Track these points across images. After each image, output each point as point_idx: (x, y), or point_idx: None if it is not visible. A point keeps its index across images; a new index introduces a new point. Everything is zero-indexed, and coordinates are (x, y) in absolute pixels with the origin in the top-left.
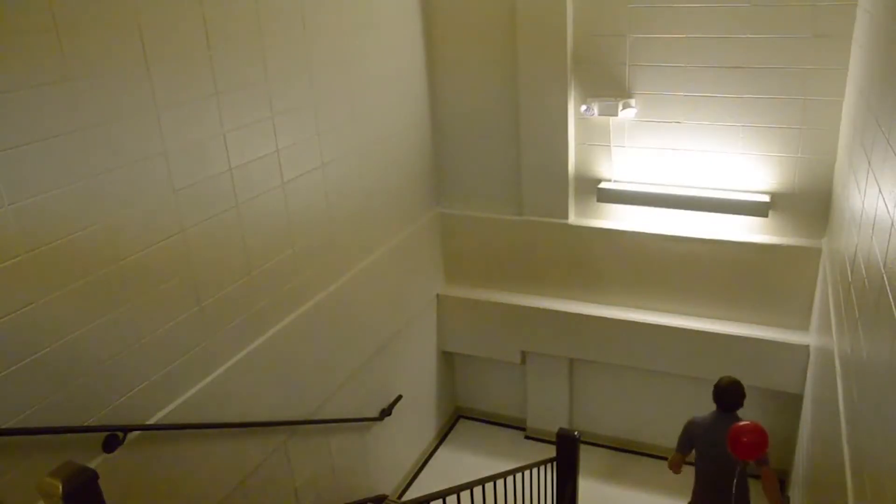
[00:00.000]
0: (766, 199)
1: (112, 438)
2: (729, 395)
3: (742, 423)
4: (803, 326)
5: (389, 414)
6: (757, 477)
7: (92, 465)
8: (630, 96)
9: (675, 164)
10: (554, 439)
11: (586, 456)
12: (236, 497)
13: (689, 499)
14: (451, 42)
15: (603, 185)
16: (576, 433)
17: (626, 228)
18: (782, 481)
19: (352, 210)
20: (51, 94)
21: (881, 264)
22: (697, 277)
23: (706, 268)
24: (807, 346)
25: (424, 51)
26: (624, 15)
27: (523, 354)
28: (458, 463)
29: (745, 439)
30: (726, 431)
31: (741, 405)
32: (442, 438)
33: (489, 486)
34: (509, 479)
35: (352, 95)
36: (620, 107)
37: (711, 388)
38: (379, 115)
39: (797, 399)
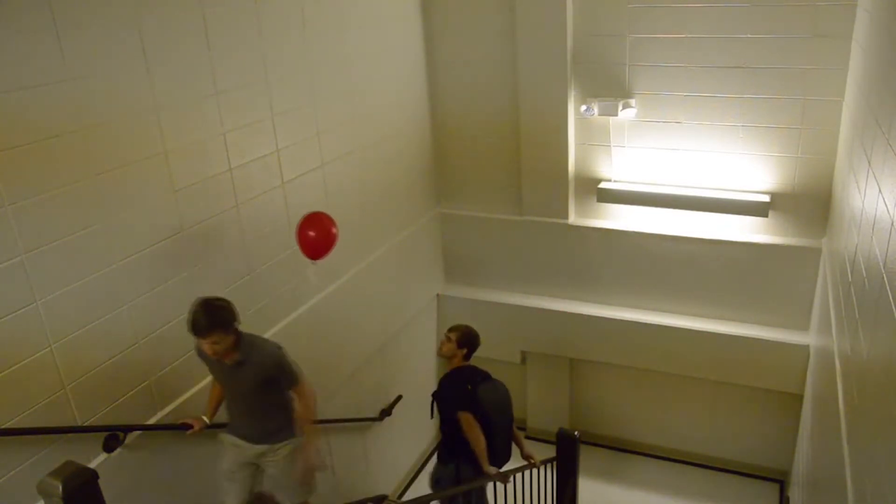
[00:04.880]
0: (766, 199)
1: (112, 438)
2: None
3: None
4: (803, 326)
5: (389, 414)
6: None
7: (92, 465)
8: (630, 96)
9: (675, 164)
10: (554, 439)
11: (586, 456)
12: None
13: (688, 499)
14: (450, 42)
15: (603, 185)
16: (576, 433)
17: (626, 228)
18: (782, 482)
19: (352, 210)
20: (51, 95)
21: (881, 264)
22: (697, 277)
23: (706, 268)
24: (807, 346)
25: (424, 51)
26: (624, 15)
27: (523, 354)
28: None
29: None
30: None
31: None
32: None
33: (489, 486)
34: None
35: (352, 95)
36: (620, 107)
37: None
38: (379, 115)
39: (797, 399)
